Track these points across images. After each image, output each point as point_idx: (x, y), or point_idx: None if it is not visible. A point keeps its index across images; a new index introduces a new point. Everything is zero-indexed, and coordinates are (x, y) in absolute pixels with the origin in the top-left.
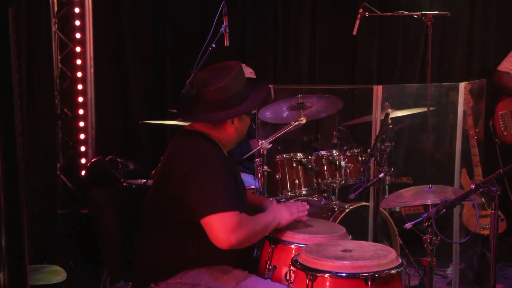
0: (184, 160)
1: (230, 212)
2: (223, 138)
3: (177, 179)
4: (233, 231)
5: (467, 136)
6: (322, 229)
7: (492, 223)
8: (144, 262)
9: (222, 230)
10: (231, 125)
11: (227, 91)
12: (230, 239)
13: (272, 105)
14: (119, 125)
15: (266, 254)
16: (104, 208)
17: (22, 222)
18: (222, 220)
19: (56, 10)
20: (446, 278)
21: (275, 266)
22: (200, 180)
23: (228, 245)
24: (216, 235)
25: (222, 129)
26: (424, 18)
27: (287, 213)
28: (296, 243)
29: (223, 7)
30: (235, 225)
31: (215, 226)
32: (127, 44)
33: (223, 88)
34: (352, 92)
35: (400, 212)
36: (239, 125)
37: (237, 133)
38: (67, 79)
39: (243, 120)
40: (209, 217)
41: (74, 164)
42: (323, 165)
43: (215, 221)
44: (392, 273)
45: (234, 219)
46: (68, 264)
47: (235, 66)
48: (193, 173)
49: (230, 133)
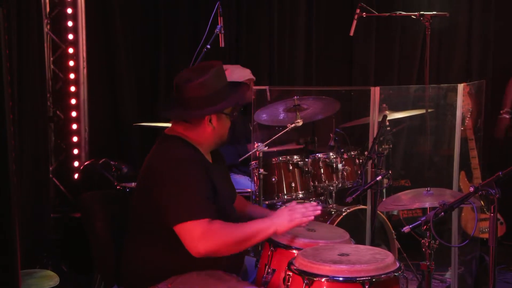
0: (160, 167)
1: (196, 221)
2: (202, 139)
3: (154, 186)
4: (200, 240)
5: (466, 138)
6: (324, 234)
7: (491, 226)
8: (133, 268)
9: (189, 239)
10: (208, 124)
11: (205, 89)
12: (198, 248)
13: (268, 107)
14: (112, 127)
15: (266, 257)
16: (96, 212)
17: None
18: (188, 229)
19: (48, 11)
20: (445, 283)
21: (274, 270)
22: (172, 187)
23: (197, 253)
24: (185, 244)
25: (200, 129)
26: (422, 18)
27: (286, 219)
28: (296, 248)
29: (218, 7)
30: (200, 234)
31: (183, 234)
32: (120, 46)
33: (200, 85)
34: (349, 93)
35: (398, 215)
36: (217, 126)
37: (215, 133)
38: (60, 80)
39: (222, 120)
40: (178, 226)
41: (67, 167)
42: (320, 167)
43: (182, 230)
44: (390, 277)
45: (200, 228)
46: (61, 268)
47: (216, 65)
48: (166, 179)
49: (208, 133)
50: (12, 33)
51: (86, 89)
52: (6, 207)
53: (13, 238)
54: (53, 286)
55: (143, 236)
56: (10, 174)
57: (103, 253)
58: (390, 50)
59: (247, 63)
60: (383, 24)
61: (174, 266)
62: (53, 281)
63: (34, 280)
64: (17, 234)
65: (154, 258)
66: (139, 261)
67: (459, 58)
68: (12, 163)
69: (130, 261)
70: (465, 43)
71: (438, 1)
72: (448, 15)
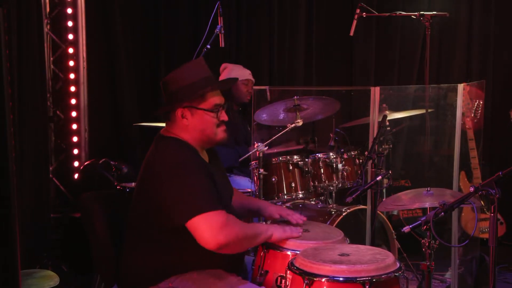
0: (160, 168)
1: (215, 211)
2: (187, 136)
3: (155, 188)
4: (221, 230)
5: (466, 138)
6: (317, 234)
7: (491, 226)
8: (133, 268)
9: (209, 229)
10: (181, 118)
11: (174, 84)
12: (218, 238)
13: (268, 107)
14: (112, 127)
15: (259, 258)
16: (95, 213)
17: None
18: (208, 219)
19: (48, 11)
20: (445, 283)
21: (266, 271)
22: (178, 185)
23: (216, 244)
24: (202, 236)
25: (177, 125)
26: (422, 18)
27: (280, 229)
28: (287, 249)
29: (218, 7)
30: (222, 224)
31: (201, 226)
32: (120, 46)
33: (171, 81)
34: (349, 93)
35: (398, 215)
36: (192, 120)
37: (193, 129)
38: (60, 80)
39: (198, 115)
40: (193, 219)
41: (67, 167)
42: (320, 168)
43: (200, 222)
44: (390, 277)
45: (220, 217)
46: (61, 268)
47: (194, 61)
48: (170, 179)
49: (186, 128)
50: (12, 33)
51: (86, 89)
52: (6, 207)
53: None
54: (53, 286)
55: (143, 237)
56: (11, 174)
57: (103, 253)
58: (390, 50)
59: (247, 63)
60: (383, 24)
61: (175, 265)
62: (53, 281)
63: (34, 280)
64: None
65: (154, 258)
66: (139, 261)
67: (459, 58)
68: (13, 163)
69: (130, 262)
70: (465, 43)
71: (438, 1)
72: (448, 15)
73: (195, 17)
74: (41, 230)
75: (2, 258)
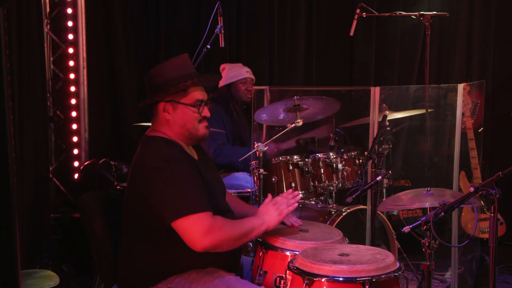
0: (147, 168)
1: (201, 214)
2: (171, 133)
3: (144, 188)
4: (206, 233)
5: (466, 138)
6: (316, 234)
7: (491, 226)
8: (132, 268)
9: (195, 232)
10: (163, 112)
11: (158, 77)
12: (203, 241)
13: (268, 107)
14: (112, 127)
15: (258, 259)
16: (95, 213)
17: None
18: (194, 222)
19: (48, 11)
20: (445, 283)
21: (265, 272)
22: (166, 185)
23: (202, 247)
24: (188, 238)
25: (160, 120)
26: (422, 18)
27: (275, 214)
28: (286, 250)
29: (218, 7)
30: (207, 227)
31: (187, 228)
32: (120, 46)
33: (153, 74)
34: (349, 93)
35: (398, 215)
36: (174, 115)
37: (173, 123)
38: (60, 80)
39: (179, 109)
40: (179, 221)
41: (67, 167)
42: (320, 168)
43: (186, 224)
44: (390, 277)
45: (205, 220)
46: (61, 268)
47: (178, 56)
48: (158, 178)
49: (166, 123)
50: (12, 33)
51: (86, 89)
52: (6, 207)
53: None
54: (53, 286)
55: (139, 237)
56: (11, 174)
57: (102, 253)
58: (390, 50)
59: (247, 63)
60: (383, 24)
61: (173, 265)
62: (53, 281)
63: (34, 280)
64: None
65: (152, 258)
66: (138, 262)
67: (459, 58)
68: (13, 163)
69: (129, 262)
70: (465, 43)
71: (438, 1)
72: (448, 15)
73: (195, 17)
74: (41, 230)
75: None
